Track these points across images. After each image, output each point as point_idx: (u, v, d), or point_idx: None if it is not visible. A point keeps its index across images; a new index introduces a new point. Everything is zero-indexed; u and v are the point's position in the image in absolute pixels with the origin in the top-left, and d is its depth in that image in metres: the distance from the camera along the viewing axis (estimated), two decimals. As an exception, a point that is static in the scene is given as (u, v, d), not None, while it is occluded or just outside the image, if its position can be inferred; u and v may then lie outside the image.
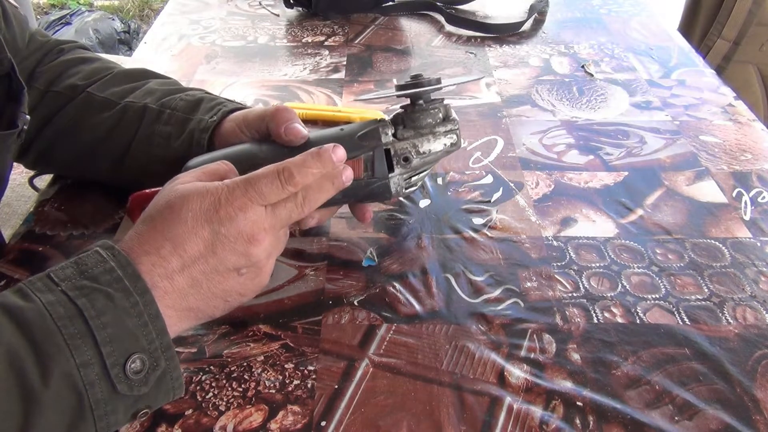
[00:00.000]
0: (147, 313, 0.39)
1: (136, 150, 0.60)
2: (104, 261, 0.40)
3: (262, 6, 1.10)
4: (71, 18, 2.75)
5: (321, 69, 0.90)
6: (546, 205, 0.65)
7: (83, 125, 0.61)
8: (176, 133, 0.58)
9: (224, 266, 0.43)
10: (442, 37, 1.00)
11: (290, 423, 0.45)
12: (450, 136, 0.54)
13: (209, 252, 0.42)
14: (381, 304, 0.54)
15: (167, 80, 0.66)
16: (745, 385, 0.47)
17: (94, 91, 0.62)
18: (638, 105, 0.82)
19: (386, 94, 0.58)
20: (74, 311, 0.38)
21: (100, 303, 0.38)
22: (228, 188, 0.43)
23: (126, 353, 0.38)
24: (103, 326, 0.38)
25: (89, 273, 0.39)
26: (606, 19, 1.06)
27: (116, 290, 0.39)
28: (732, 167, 0.70)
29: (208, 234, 0.42)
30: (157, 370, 0.40)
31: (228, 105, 0.60)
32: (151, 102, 0.60)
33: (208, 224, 0.42)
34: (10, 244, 0.60)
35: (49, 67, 0.64)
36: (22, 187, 1.74)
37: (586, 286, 0.55)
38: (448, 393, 0.47)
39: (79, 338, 0.37)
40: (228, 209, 0.43)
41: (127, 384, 0.38)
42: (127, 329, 0.39)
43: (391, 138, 0.53)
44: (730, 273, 0.57)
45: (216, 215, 0.42)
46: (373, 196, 0.54)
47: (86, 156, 0.62)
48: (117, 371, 0.38)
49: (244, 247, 0.43)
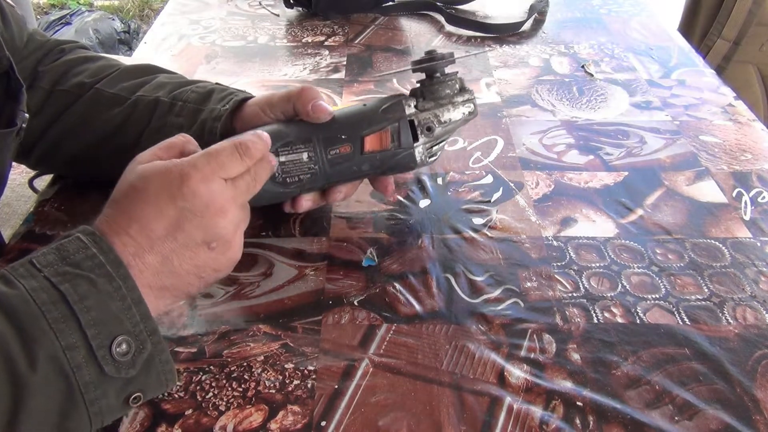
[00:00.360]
0: (130, 297, 0.40)
1: (147, 142, 0.59)
2: (86, 247, 0.40)
3: (262, 6, 1.10)
4: (71, 18, 2.75)
5: (321, 69, 0.90)
6: (546, 205, 0.65)
7: (92, 121, 0.62)
8: (188, 124, 0.59)
9: (193, 241, 0.43)
10: (442, 37, 1.00)
11: (290, 423, 0.45)
12: (467, 105, 0.57)
13: (176, 228, 0.43)
14: (381, 304, 0.54)
15: (175, 74, 0.66)
16: (745, 385, 0.47)
17: (103, 87, 0.63)
18: (638, 105, 0.82)
19: (402, 69, 0.60)
20: (57, 296, 0.38)
21: (82, 288, 0.38)
22: (189, 163, 0.44)
23: (111, 335, 0.38)
24: (87, 310, 0.38)
25: (71, 259, 0.39)
26: (606, 19, 1.06)
27: (98, 275, 0.39)
28: (732, 167, 0.70)
29: (174, 211, 0.43)
30: (143, 352, 0.40)
31: (239, 95, 0.61)
32: (162, 95, 0.61)
33: (171, 201, 0.43)
34: (10, 244, 0.60)
35: (52, 66, 0.65)
36: (22, 187, 1.74)
37: (586, 286, 0.55)
38: (448, 393, 0.47)
39: (62, 322, 0.37)
40: (190, 184, 0.43)
41: (114, 366, 0.38)
42: (111, 312, 0.39)
43: (414, 110, 0.56)
44: (730, 273, 0.57)
45: (179, 192, 0.43)
46: (399, 167, 0.57)
47: (92, 152, 0.62)
48: (103, 353, 0.38)
49: (211, 219, 0.44)
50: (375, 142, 0.55)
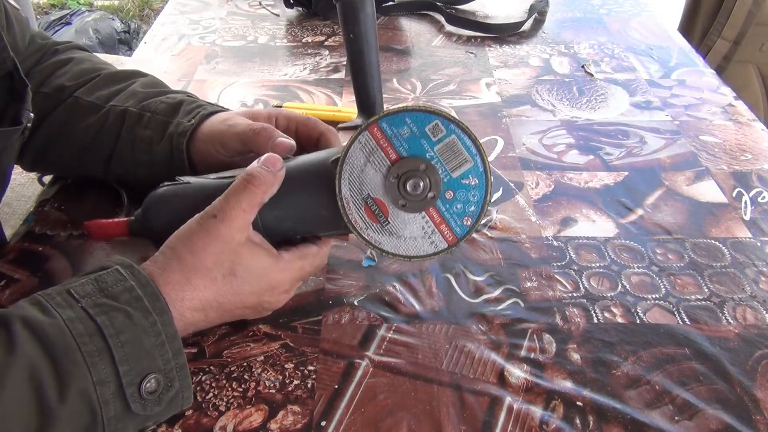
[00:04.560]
0: (165, 333, 0.40)
1: (120, 155, 0.59)
2: (124, 280, 0.40)
3: (262, 6, 1.10)
4: (71, 18, 2.75)
5: (321, 69, 0.90)
6: (546, 205, 0.65)
7: (72, 130, 0.61)
8: (156, 137, 0.58)
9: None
10: (442, 37, 1.00)
11: (290, 423, 0.45)
12: None
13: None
14: (381, 304, 0.54)
15: (153, 81, 0.65)
16: (745, 385, 0.47)
17: (80, 95, 0.62)
18: (638, 105, 0.82)
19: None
20: (94, 328, 0.38)
21: (119, 321, 0.39)
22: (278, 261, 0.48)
23: (142, 373, 0.39)
24: (122, 344, 0.38)
25: (109, 291, 0.40)
26: (606, 19, 1.06)
27: (135, 309, 0.39)
28: (732, 167, 0.70)
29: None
30: (170, 390, 0.40)
31: (207, 108, 0.59)
32: (131, 105, 0.60)
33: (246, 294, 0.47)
34: (10, 244, 0.60)
35: (42, 68, 0.64)
36: (22, 187, 1.74)
37: (586, 286, 0.55)
38: (448, 393, 0.47)
39: (97, 355, 0.37)
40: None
41: (141, 404, 0.39)
42: (145, 349, 0.39)
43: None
44: (730, 273, 0.57)
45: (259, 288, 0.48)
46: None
47: (78, 159, 0.62)
48: (132, 390, 0.38)
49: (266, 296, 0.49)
50: (333, 239, 0.53)
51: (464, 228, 0.46)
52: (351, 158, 0.46)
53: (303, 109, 0.78)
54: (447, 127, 0.45)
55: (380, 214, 0.46)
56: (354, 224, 0.46)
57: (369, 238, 0.46)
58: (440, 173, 0.46)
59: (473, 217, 0.46)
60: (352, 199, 0.46)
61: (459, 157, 0.46)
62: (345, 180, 0.46)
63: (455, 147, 0.46)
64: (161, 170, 0.56)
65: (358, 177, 0.46)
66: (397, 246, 0.46)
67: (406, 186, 0.45)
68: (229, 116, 0.58)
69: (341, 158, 0.46)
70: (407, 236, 0.46)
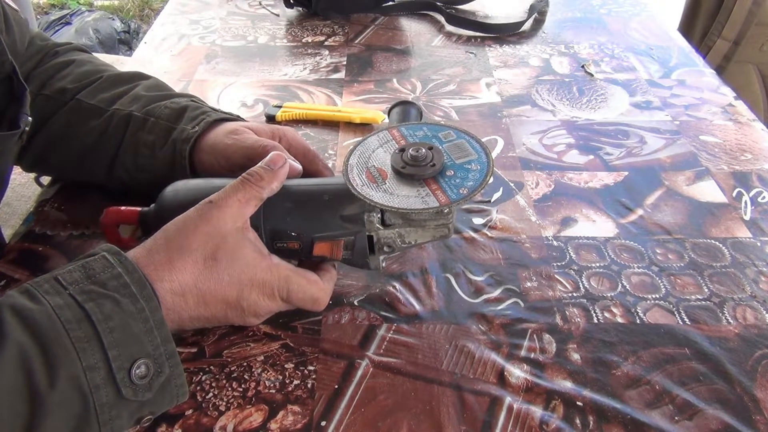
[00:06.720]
0: (152, 320, 0.40)
1: (123, 159, 0.60)
2: (111, 266, 0.40)
3: (262, 6, 1.10)
4: (71, 18, 2.75)
5: (321, 69, 0.90)
6: (546, 205, 0.65)
7: (74, 133, 0.61)
8: (160, 142, 0.58)
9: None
10: (442, 37, 1.00)
11: (290, 423, 0.45)
12: (441, 229, 0.50)
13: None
14: (381, 304, 0.54)
15: (157, 83, 0.65)
16: (745, 385, 0.47)
17: (83, 98, 0.61)
18: (638, 105, 0.82)
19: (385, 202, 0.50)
20: (82, 315, 0.38)
21: (107, 307, 0.38)
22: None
23: (131, 358, 0.39)
24: (110, 330, 0.38)
25: (97, 278, 0.40)
26: (606, 19, 1.06)
27: (123, 296, 0.39)
28: (732, 167, 0.70)
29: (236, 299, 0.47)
30: (161, 376, 0.40)
31: (212, 114, 0.59)
32: (136, 109, 0.60)
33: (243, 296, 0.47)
34: (10, 244, 0.60)
35: (42, 70, 0.64)
36: (22, 187, 1.74)
37: (586, 286, 0.55)
38: (449, 393, 0.47)
39: (86, 341, 0.37)
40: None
41: (132, 389, 0.39)
42: (133, 334, 0.39)
43: (377, 225, 0.49)
44: (730, 273, 0.57)
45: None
46: (350, 265, 0.53)
47: (79, 163, 0.62)
48: (122, 375, 0.38)
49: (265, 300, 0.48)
50: (326, 249, 0.50)
51: (459, 194, 0.47)
52: (366, 143, 0.51)
53: (303, 109, 0.78)
54: (458, 135, 0.51)
55: (379, 177, 0.49)
56: (351, 182, 0.48)
57: (362, 192, 0.47)
58: (444, 157, 0.49)
59: (470, 190, 0.47)
60: (356, 166, 0.50)
61: (465, 152, 0.50)
62: (356, 155, 0.51)
63: (463, 146, 0.50)
64: (162, 175, 0.56)
65: (367, 154, 0.51)
66: (389, 200, 0.47)
67: (409, 153, 0.49)
68: (235, 128, 0.58)
69: (357, 142, 0.51)
70: (401, 195, 0.47)
